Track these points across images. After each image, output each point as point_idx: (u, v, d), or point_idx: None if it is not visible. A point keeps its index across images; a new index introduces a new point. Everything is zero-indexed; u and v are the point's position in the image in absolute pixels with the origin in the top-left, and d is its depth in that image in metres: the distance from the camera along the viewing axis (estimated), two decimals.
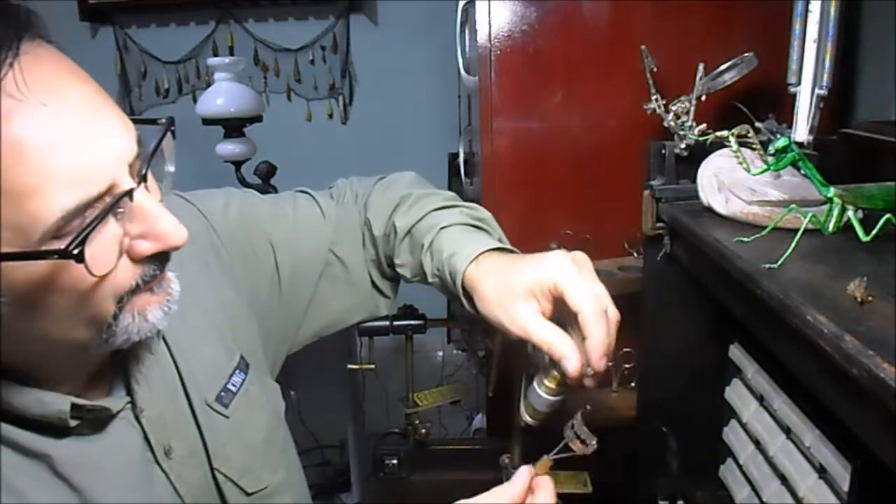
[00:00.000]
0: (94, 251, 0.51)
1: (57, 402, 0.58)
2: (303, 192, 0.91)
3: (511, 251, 0.78)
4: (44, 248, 0.50)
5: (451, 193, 0.89)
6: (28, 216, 0.49)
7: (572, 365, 0.66)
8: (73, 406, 0.59)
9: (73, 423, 0.59)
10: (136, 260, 0.57)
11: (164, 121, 0.59)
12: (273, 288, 0.85)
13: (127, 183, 0.54)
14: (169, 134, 0.59)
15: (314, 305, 0.88)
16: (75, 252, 0.49)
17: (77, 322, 0.56)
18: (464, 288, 0.76)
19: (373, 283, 0.91)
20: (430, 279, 0.81)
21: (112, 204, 0.52)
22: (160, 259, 0.58)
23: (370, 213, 0.88)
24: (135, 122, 0.57)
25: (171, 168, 0.61)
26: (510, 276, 0.72)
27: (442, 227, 0.81)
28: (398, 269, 0.86)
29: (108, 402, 0.63)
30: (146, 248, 0.56)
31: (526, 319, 0.69)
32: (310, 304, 0.88)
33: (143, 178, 0.55)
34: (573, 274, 0.67)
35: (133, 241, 0.56)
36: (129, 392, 0.66)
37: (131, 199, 0.54)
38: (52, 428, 0.59)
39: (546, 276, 0.68)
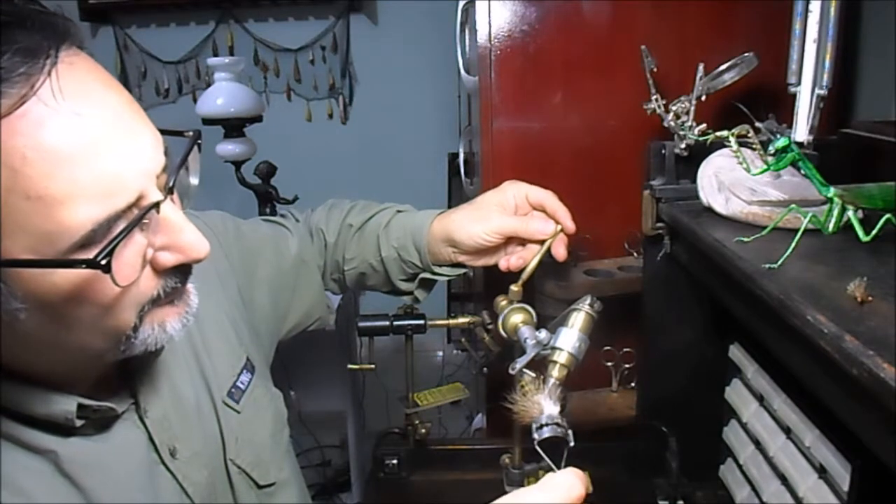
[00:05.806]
0: (119, 262, 0.51)
1: (63, 403, 0.58)
2: (263, 219, 1.03)
3: None
4: (71, 257, 0.49)
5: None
6: (57, 225, 0.48)
7: (550, 228, 0.88)
8: (79, 406, 0.59)
9: (78, 422, 0.59)
10: (159, 271, 0.57)
11: (191, 133, 0.60)
12: (263, 295, 0.91)
13: (154, 195, 0.54)
14: (195, 147, 0.60)
15: (293, 303, 0.98)
16: (103, 263, 0.49)
17: (97, 332, 0.56)
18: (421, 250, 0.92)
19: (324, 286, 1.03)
20: (383, 254, 0.95)
21: (140, 216, 0.52)
22: (182, 271, 0.59)
23: (321, 225, 1.00)
24: (162, 132, 0.57)
25: (194, 181, 0.61)
26: (477, 204, 0.93)
27: (398, 211, 0.99)
28: (346, 266, 0.99)
29: (113, 403, 0.63)
30: (169, 259, 0.56)
31: (504, 221, 0.89)
32: (290, 304, 0.97)
33: (170, 191, 0.55)
34: (527, 184, 0.91)
35: (156, 252, 0.56)
36: (134, 393, 0.66)
37: (158, 211, 0.54)
38: (58, 427, 0.59)
39: (510, 192, 0.91)
